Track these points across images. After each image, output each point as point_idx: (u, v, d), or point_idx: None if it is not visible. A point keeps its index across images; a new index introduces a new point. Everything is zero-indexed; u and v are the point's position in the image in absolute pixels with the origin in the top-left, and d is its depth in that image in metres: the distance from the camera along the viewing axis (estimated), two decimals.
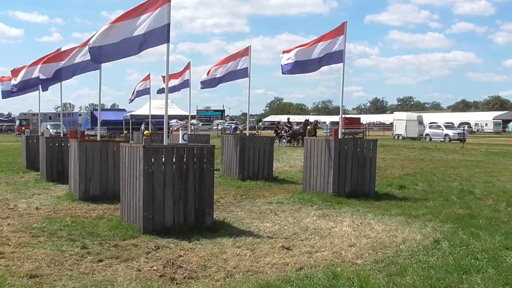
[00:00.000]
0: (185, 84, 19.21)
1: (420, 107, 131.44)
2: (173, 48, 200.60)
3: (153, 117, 26.94)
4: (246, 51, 14.54)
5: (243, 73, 14.61)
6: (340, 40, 10.98)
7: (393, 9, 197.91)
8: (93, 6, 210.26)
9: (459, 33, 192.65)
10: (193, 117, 43.57)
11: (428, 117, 65.65)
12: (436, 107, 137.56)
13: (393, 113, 63.92)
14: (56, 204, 10.07)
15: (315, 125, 34.03)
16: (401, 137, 47.09)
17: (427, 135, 45.37)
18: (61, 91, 13.82)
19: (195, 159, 7.68)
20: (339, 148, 10.94)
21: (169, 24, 7.68)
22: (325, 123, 60.17)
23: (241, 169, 14.28)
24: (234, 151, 14.58)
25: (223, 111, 62.84)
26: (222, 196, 11.09)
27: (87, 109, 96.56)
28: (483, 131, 70.54)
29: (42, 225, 7.91)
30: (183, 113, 40.83)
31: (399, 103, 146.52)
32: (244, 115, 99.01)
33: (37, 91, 15.75)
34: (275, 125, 42.04)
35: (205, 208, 7.77)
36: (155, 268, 5.79)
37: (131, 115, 41.74)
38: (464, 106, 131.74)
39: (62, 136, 14.84)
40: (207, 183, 7.77)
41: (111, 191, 10.51)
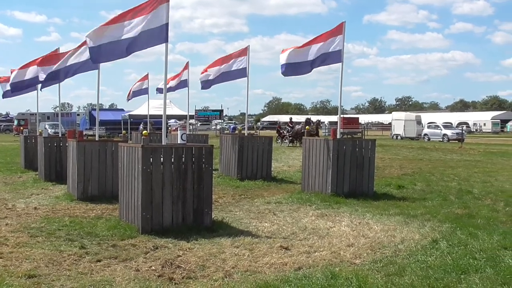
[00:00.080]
0: (183, 84, 19.23)
1: (419, 107, 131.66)
2: (172, 48, 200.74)
3: (152, 117, 26.90)
4: (245, 51, 14.54)
5: (241, 73, 14.61)
6: (338, 40, 10.97)
7: (391, 9, 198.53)
8: (91, 6, 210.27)
9: (457, 33, 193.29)
10: (191, 117, 43.51)
11: (427, 117, 65.77)
12: (434, 107, 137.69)
13: (391, 113, 64.03)
14: (54, 204, 10.06)
15: (317, 124, 33.89)
16: (399, 137, 47.15)
17: (425, 135, 45.43)
18: (60, 91, 13.79)
19: (193, 159, 7.68)
20: (338, 148, 10.95)
21: (167, 24, 7.69)
22: (323, 123, 60.18)
23: (239, 169, 14.27)
24: (232, 151, 14.58)
25: (221, 111, 62.99)
26: (221, 196, 11.09)
27: (85, 109, 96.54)
28: (481, 131, 70.63)
29: (40, 225, 7.90)
30: (181, 113, 40.85)
31: (397, 103, 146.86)
32: (243, 115, 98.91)
33: (35, 91, 15.73)
34: (277, 125, 41.80)
35: (203, 208, 7.76)
36: (153, 268, 5.78)
37: (129, 115, 41.73)
38: (463, 106, 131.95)
39: (60, 136, 14.82)
40: (206, 183, 7.77)
41: (109, 191, 10.51)
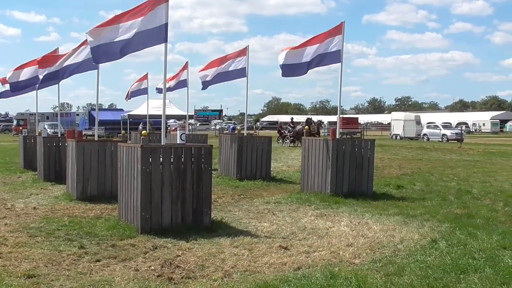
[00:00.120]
0: (182, 84, 19.22)
1: (418, 107, 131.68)
2: (171, 48, 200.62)
3: (151, 117, 26.92)
4: (244, 51, 14.54)
5: (241, 73, 14.61)
6: (337, 40, 10.97)
7: (391, 9, 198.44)
8: (91, 6, 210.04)
9: (457, 33, 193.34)
10: (191, 117, 43.50)
11: (426, 117, 65.68)
12: (434, 107, 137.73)
13: (391, 113, 64.05)
14: (53, 204, 10.05)
15: (318, 125, 33.86)
16: (399, 137, 47.14)
17: (424, 135, 45.44)
18: (59, 91, 13.79)
19: (193, 159, 7.67)
20: (337, 148, 10.95)
21: (167, 24, 7.69)
22: (323, 123, 60.15)
23: (239, 169, 14.27)
24: (232, 151, 14.57)
25: (221, 111, 62.96)
26: (220, 196, 11.09)
27: (84, 109, 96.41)
28: (480, 131, 70.64)
29: (39, 225, 7.90)
30: (181, 113, 40.87)
31: (397, 103, 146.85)
32: (242, 115, 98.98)
33: (34, 91, 15.72)
34: (279, 125, 41.70)
35: (203, 208, 7.76)
36: (152, 268, 5.78)
37: (129, 115, 41.73)
38: (462, 106, 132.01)
39: (59, 136, 14.81)
40: (205, 183, 7.77)
41: (108, 191, 10.51)
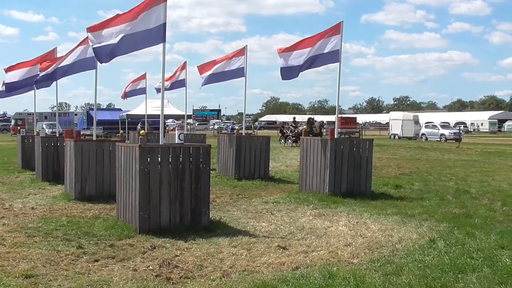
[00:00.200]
0: (180, 84, 19.21)
1: (416, 107, 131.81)
2: (169, 48, 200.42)
3: (149, 116, 26.91)
4: (243, 51, 14.54)
5: (239, 72, 14.60)
6: (336, 40, 10.96)
7: (389, 8, 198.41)
8: (89, 5, 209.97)
9: (455, 33, 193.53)
10: (189, 116, 43.52)
11: (424, 117, 65.75)
12: (432, 107, 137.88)
13: (389, 112, 64.07)
14: (51, 204, 10.04)
15: (320, 126, 33.88)
16: (397, 137, 47.21)
17: (423, 134, 45.50)
18: (57, 90, 13.77)
19: (191, 158, 7.67)
20: (335, 147, 10.95)
21: (165, 23, 7.68)
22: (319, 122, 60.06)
23: (237, 168, 14.26)
24: (230, 150, 14.57)
25: (219, 111, 62.85)
26: (218, 195, 11.08)
27: (83, 108, 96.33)
28: (478, 130, 70.68)
29: (37, 225, 7.89)
30: (179, 113, 40.90)
31: (395, 102, 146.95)
32: (240, 114, 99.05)
33: (31, 91, 15.70)
34: (281, 125, 41.66)
35: (201, 207, 7.76)
36: (151, 268, 5.78)
37: (127, 114, 41.75)
38: (460, 105, 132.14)
39: (57, 135, 14.79)
40: (203, 183, 7.77)
41: (107, 190, 10.48)
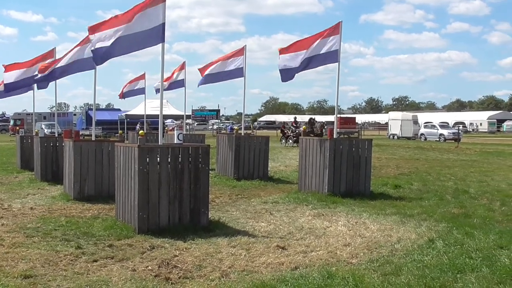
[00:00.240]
0: (179, 84, 19.21)
1: (415, 107, 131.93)
2: (168, 48, 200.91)
3: (149, 116, 26.87)
4: (242, 51, 14.53)
5: (238, 72, 14.60)
6: (335, 40, 10.96)
7: (388, 8, 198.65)
8: (88, 5, 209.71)
9: (454, 33, 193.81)
10: (188, 116, 43.47)
11: (423, 117, 65.86)
12: (431, 107, 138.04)
13: (388, 112, 64.10)
14: (50, 204, 10.03)
15: (322, 126, 33.92)
16: (396, 137, 47.24)
17: (422, 134, 45.54)
18: (56, 90, 13.78)
19: (190, 158, 7.66)
20: (334, 147, 10.95)
21: (164, 23, 7.67)
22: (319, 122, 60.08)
23: (236, 168, 14.26)
24: (229, 150, 14.56)
25: (218, 111, 62.79)
26: (217, 195, 11.08)
27: (82, 108, 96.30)
28: (477, 130, 70.78)
29: (36, 225, 7.88)
30: (178, 113, 40.83)
31: (394, 102, 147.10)
32: (240, 114, 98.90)
33: (31, 91, 15.68)
34: (282, 125, 41.64)
35: (200, 207, 7.75)
36: (150, 268, 5.77)
37: (126, 114, 41.71)
38: (459, 105, 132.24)
39: (56, 136, 14.78)
40: (202, 183, 7.76)
41: (106, 191, 10.48)
